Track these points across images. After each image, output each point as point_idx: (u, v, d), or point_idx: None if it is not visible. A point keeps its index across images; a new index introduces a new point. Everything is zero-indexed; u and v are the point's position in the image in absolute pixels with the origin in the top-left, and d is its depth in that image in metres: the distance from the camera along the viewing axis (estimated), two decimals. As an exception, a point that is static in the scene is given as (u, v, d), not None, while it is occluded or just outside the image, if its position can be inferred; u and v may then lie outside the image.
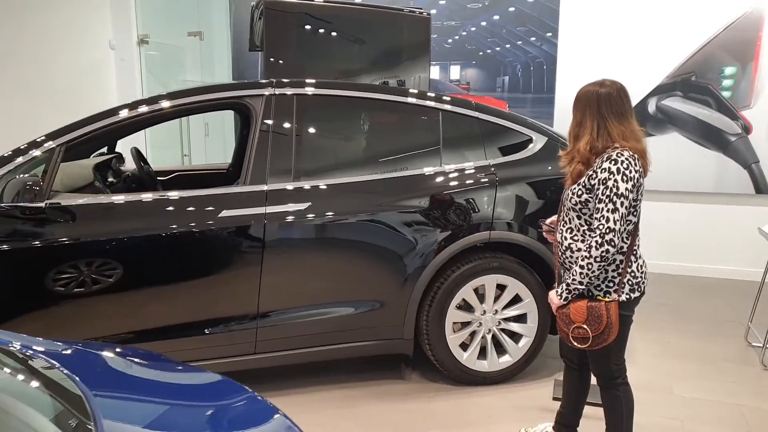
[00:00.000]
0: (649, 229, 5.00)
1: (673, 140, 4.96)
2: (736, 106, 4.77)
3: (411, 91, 3.25)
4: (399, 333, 3.04)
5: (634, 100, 4.97)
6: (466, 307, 3.06)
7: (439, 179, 3.05)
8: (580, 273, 2.08)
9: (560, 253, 2.24)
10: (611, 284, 2.13)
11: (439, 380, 3.18)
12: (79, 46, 6.29)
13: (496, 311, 3.08)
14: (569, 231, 2.19)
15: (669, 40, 4.84)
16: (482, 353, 3.12)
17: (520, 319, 3.11)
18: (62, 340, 1.83)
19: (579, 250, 2.14)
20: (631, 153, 2.04)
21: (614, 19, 4.96)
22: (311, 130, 3.08)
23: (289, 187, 2.87)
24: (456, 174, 3.06)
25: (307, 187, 2.89)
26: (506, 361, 3.12)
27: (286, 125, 2.93)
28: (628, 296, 2.13)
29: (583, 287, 2.11)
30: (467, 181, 3.05)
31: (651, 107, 4.97)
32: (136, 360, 1.76)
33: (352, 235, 2.95)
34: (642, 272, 2.17)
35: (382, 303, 2.99)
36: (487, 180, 3.06)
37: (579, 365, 2.40)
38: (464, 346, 3.08)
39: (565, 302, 2.14)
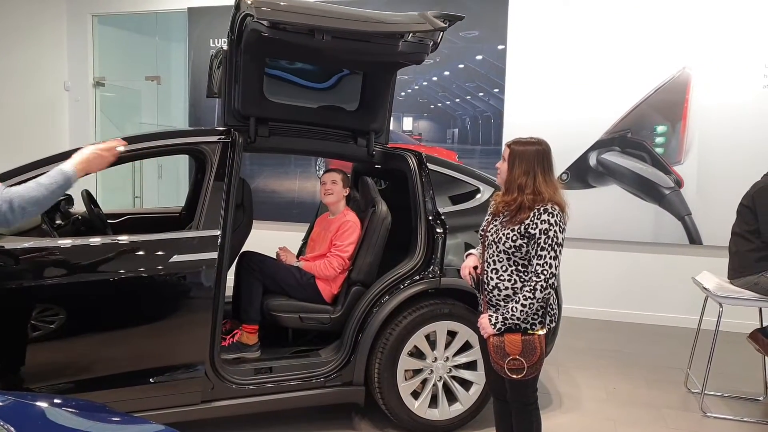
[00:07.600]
0: (591, 278, 5.25)
1: (613, 192, 5.24)
2: (668, 161, 5.11)
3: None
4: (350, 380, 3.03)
5: (577, 153, 5.27)
6: (417, 354, 3.09)
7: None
8: (521, 311, 2.23)
9: (487, 291, 2.36)
10: (543, 318, 2.30)
11: (390, 429, 3.16)
12: (34, 86, 6.20)
13: (447, 358, 3.12)
14: (495, 272, 2.33)
15: (606, 98, 5.17)
16: (433, 401, 3.13)
17: (470, 366, 3.15)
18: (-3, 391, 1.75)
19: (507, 288, 2.29)
20: (559, 210, 2.28)
21: (557, 77, 5.28)
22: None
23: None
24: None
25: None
26: (457, 409, 3.13)
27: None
28: (549, 327, 2.33)
29: (519, 322, 2.25)
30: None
31: (592, 160, 5.26)
32: (76, 411, 1.70)
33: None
34: (557, 305, 2.41)
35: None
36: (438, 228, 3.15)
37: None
38: (415, 395, 3.09)
39: (497, 332, 2.26)
